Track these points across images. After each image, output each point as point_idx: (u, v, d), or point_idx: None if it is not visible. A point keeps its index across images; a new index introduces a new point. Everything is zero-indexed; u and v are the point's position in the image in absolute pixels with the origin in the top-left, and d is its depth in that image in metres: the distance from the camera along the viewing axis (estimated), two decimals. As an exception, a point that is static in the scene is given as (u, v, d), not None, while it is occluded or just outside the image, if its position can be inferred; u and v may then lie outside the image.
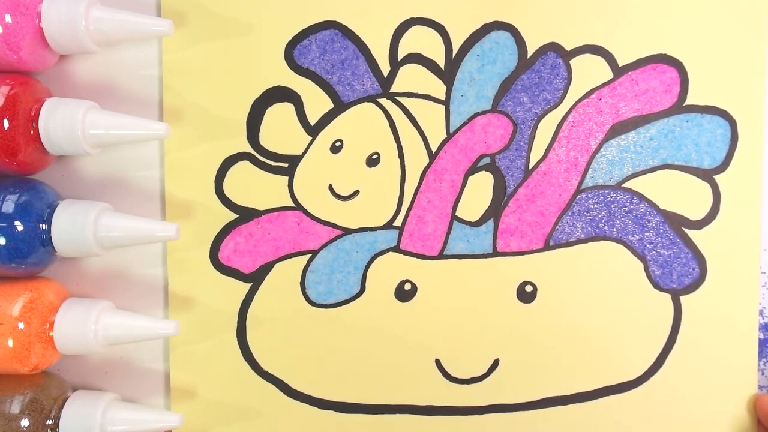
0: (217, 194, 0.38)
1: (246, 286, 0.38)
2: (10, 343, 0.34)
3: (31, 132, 0.34)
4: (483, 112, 0.37)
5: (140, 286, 0.39)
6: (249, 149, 0.38)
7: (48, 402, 0.35)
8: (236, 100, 0.38)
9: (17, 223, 0.34)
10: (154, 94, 0.38)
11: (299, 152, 0.38)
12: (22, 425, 0.34)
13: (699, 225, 0.37)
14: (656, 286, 0.37)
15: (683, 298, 0.37)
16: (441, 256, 0.38)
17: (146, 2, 0.38)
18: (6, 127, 0.34)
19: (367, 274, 0.38)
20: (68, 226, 0.35)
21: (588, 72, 0.37)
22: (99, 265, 0.39)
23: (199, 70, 0.38)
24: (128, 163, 0.38)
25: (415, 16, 0.37)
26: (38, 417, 0.35)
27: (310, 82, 0.37)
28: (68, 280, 0.38)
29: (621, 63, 0.37)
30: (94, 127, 0.34)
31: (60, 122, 0.34)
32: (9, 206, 0.34)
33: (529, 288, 0.37)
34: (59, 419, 0.35)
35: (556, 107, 0.37)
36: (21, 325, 0.34)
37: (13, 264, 0.35)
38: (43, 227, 0.35)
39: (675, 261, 0.37)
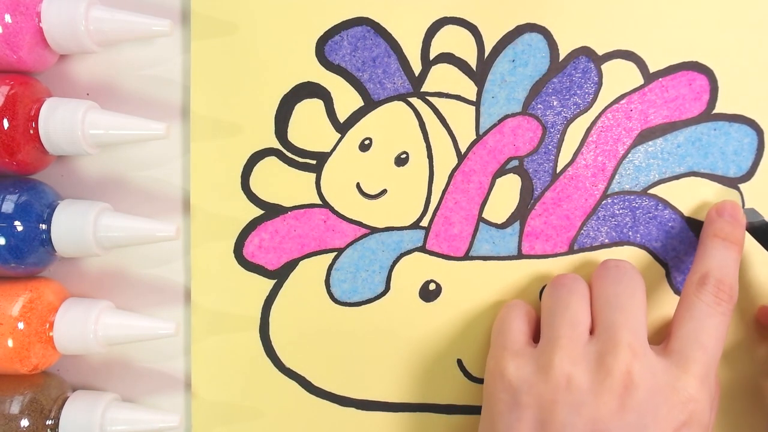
0: (243, 190, 0.38)
1: (270, 283, 0.38)
2: (10, 343, 0.34)
3: (31, 132, 0.34)
4: (513, 115, 0.37)
5: (156, 283, 0.39)
6: (277, 145, 0.37)
7: (48, 402, 0.35)
8: (265, 95, 0.37)
9: (17, 223, 0.34)
10: (154, 94, 0.38)
11: (328, 149, 0.38)
12: (22, 425, 0.34)
13: (722, 233, 0.37)
14: (677, 292, 0.38)
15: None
16: (466, 257, 0.38)
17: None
18: (6, 127, 0.34)
19: (392, 274, 0.38)
20: (68, 226, 0.35)
21: (619, 77, 0.37)
22: (99, 265, 0.39)
23: (229, 62, 0.37)
24: (128, 163, 0.38)
25: (448, 16, 0.37)
26: (38, 417, 0.35)
27: (341, 78, 0.37)
28: (68, 280, 0.38)
29: (652, 69, 0.37)
30: (94, 127, 0.34)
31: (60, 122, 0.34)
32: (9, 206, 0.34)
33: (552, 291, 0.38)
34: (59, 419, 0.35)
35: (586, 112, 0.37)
36: (21, 325, 0.34)
37: (12, 264, 0.35)
38: (43, 227, 0.35)
39: (697, 268, 0.37)
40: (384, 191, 0.38)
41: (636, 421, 0.30)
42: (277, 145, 0.37)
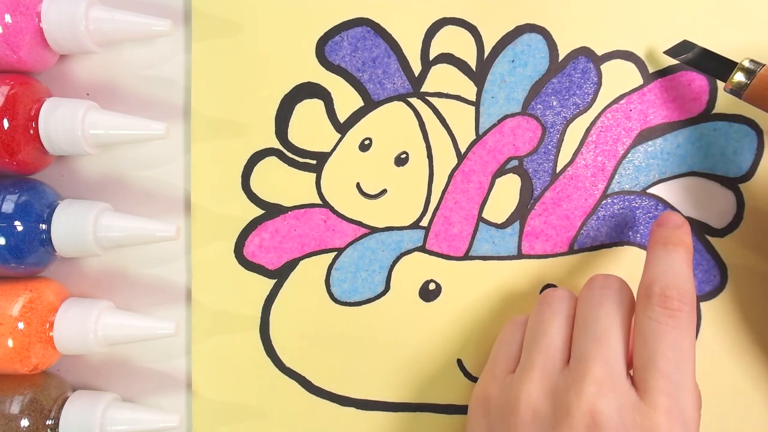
0: (243, 189, 0.38)
1: (270, 283, 0.38)
2: (10, 343, 0.34)
3: (31, 132, 0.34)
4: (512, 115, 0.37)
5: (156, 283, 0.39)
6: (277, 145, 0.38)
7: (48, 402, 0.35)
8: (266, 95, 0.37)
9: (17, 223, 0.34)
10: (155, 94, 0.38)
11: (328, 149, 0.38)
12: (22, 425, 0.34)
13: (722, 233, 0.37)
14: (677, 291, 0.37)
15: (703, 305, 0.37)
16: (466, 257, 0.38)
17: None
18: (6, 127, 0.34)
19: (392, 274, 0.38)
20: (68, 226, 0.35)
21: (618, 77, 0.37)
22: (99, 265, 0.39)
23: (229, 63, 0.37)
24: (128, 163, 0.38)
25: (448, 16, 0.37)
26: (38, 417, 0.35)
27: (341, 79, 0.37)
28: (68, 280, 0.38)
29: (651, 69, 0.37)
30: (94, 127, 0.35)
31: (60, 122, 0.34)
32: (9, 206, 0.34)
33: (552, 291, 0.38)
34: (59, 419, 0.35)
35: (586, 112, 0.37)
36: (21, 325, 0.34)
37: (12, 264, 0.35)
38: (43, 227, 0.35)
39: (697, 268, 0.37)
40: (384, 191, 0.38)
41: None
42: (277, 145, 0.38)
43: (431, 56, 0.37)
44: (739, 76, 0.33)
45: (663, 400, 0.29)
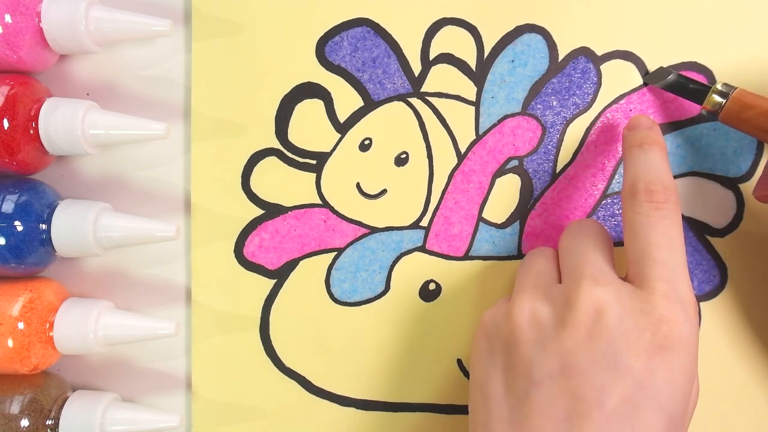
0: (243, 189, 0.38)
1: (270, 283, 0.38)
2: (10, 343, 0.34)
3: (31, 132, 0.34)
4: (512, 115, 0.37)
5: (156, 283, 0.39)
6: (277, 145, 0.38)
7: (48, 402, 0.35)
8: (266, 95, 0.37)
9: (17, 223, 0.34)
10: (155, 94, 0.38)
11: (328, 149, 0.38)
12: (22, 425, 0.34)
13: (722, 233, 0.37)
14: (677, 291, 0.37)
15: (703, 305, 0.37)
16: (466, 257, 0.38)
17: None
18: (6, 127, 0.34)
19: (392, 274, 0.38)
20: (68, 226, 0.35)
21: (618, 77, 0.37)
22: (99, 265, 0.39)
23: (229, 63, 0.37)
24: (128, 163, 0.38)
25: (448, 17, 0.37)
26: (38, 417, 0.35)
27: (341, 79, 0.37)
28: (68, 280, 0.38)
29: (651, 69, 0.37)
30: (94, 127, 0.35)
31: (60, 122, 0.34)
32: (9, 206, 0.34)
33: (552, 291, 0.38)
34: (59, 419, 0.35)
35: (585, 112, 0.37)
36: (21, 325, 0.34)
37: (12, 264, 0.35)
38: (43, 227, 0.35)
39: (697, 268, 0.37)
40: (384, 191, 0.38)
41: (606, 349, 0.28)
42: (277, 145, 0.38)
43: (431, 56, 0.37)
44: (713, 100, 0.34)
45: (660, 285, 0.29)
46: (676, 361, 0.28)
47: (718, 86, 0.34)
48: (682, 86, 0.36)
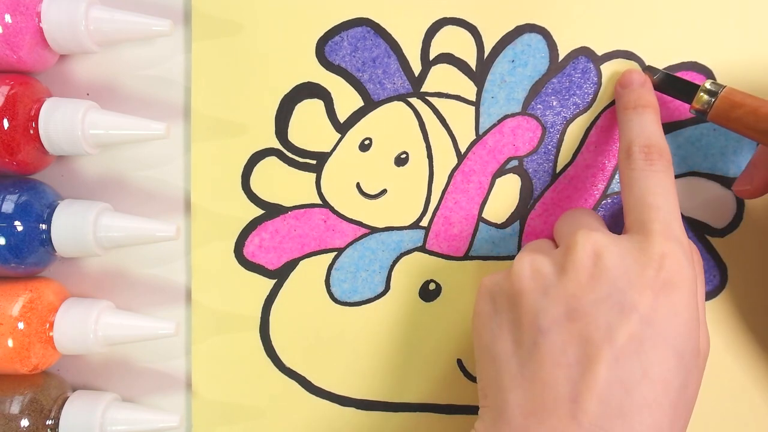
0: (243, 189, 0.38)
1: (270, 283, 0.38)
2: (10, 343, 0.34)
3: (31, 132, 0.34)
4: (512, 115, 0.37)
5: (156, 283, 0.39)
6: (277, 145, 0.38)
7: (48, 402, 0.35)
8: (266, 95, 0.37)
9: (17, 223, 0.34)
10: (155, 94, 0.38)
11: (328, 149, 0.38)
12: (22, 425, 0.35)
13: (722, 233, 0.37)
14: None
15: (703, 305, 0.37)
16: (466, 257, 0.38)
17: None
18: (6, 127, 0.34)
19: (392, 274, 0.38)
20: (68, 226, 0.35)
21: (618, 77, 0.37)
22: (99, 265, 0.39)
23: (229, 63, 0.37)
24: (128, 163, 0.38)
25: (448, 16, 0.37)
26: (38, 417, 0.35)
27: (341, 79, 0.37)
28: (68, 280, 0.38)
29: (651, 69, 0.37)
30: (94, 127, 0.35)
31: (60, 122, 0.34)
32: (9, 206, 0.34)
33: (552, 291, 0.38)
34: (59, 419, 0.35)
35: (586, 112, 0.37)
36: (21, 325, 0.34)
37: (12, 264, 0.35)
38: (43, 227, 0.35)
39: (697, 267, 0.37)
40: (384, 191, 0.38)
41: (610, 288, 0.29)
42: (277, 145, 0.38)
43: (431, 56, 0.37)
44: (701, 99, 0.34)
45: (656, 226, 0.30)
46: (678, 296, 0.29)
47: (707, 85, 0.34)
48: (670, 85, 0.35)
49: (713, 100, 0.33)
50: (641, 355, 0.28)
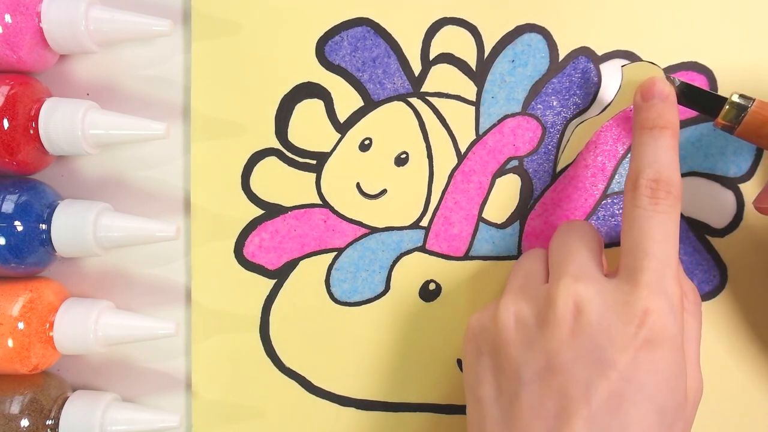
0: (243, 189, 0.38)
1: (270, 283, 0.38)
2: (10, 343, 0.34)
3: (31, 132, 0.34)
4: (512, 115, 0.37)
5: (156, 283, 0.39)
6: (277, 145, 0.38)
7: (48, 402, 0.35)
8: (265, 95, 0.37)
9: (17, 223, 0.34)
10: (154, 94, 0.38)
11: (328, 149, 0.38)
12: (22, 425, 0.35)
13: (722, 233, 0.37)
14: (677, 291, 0.37)
15: (703, 305, 0.37)
16: (466, 257, 0.38)
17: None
18: (6, 127, 0.34)
19: (392, 274, 0.38)
20: (68, 226, 0.35)
21: (618, 77, 0.37)
22: (99, 265, 0.39)
23: (229, 63, 0.37)
24: (128, 163, 0.38)
25: (448, 16, 0.37)
26: (38, 417, 0.35)
27: (341, 79, 0.37)
28: (68, 280, 0.38)
29: (651, 69, 0.37)
30: (94, 127, 0.35)
31: (60, 122, 0.34)
32: (9, 206, 0.34)
33: (552, 291, 0.38)
34: (59, 419, 0.35)
35: (585, 111, 0.37)
36: (21, 325, 0.34)
37: (12, 264, 0.35)
38: (43, 227, 0.35)
39: (697, 268, 0.37)
40: (384, 191, 0.38)
41: (589, 345, 0.28)
42: (277, 145, 0.38)
43: (431, 56, 0.37)
44: (729, 114, 0.32)
45: (646, 277, 0.29)
46: (660, 353, 0.28)
47: (735, 98, 0.32)
48: (691, 97, 0.33)
49: (742, 115, 0.32)
50: (620, 412, 0.27)
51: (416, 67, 0.37)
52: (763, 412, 0.38)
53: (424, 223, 0.38)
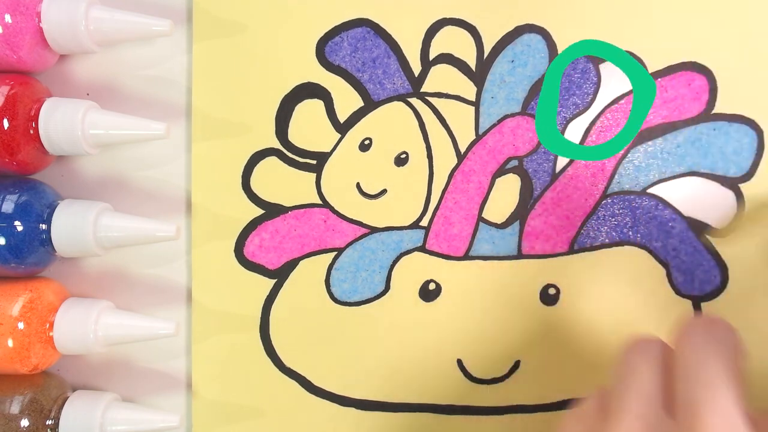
0: (243, 189, 0.38)
1: (270, 282, 0.38)
2: (10, 343, 0.34)
3: (31, 132, 0.34)
4: (512, 115, 0.37)
5: (156, 283, 0.39)
6: (277, 145, 0.38)
7: (48, 402, 0.35)
8: (266, 95, 0.37)
9: (17, 223, 0.34)
10: (155, 94, 0.38)
11: (328, 149, 0.38)
12: (22, 425, 0.34)
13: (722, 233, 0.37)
14: (678, 292, 0.37)
15: (704, 305, 0.37)
16: (466, 257, 0.38)
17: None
18: (6, 127, 0.34)
19: (392, 274, 0.38)
20: (68, 226, 0.35)
21: (618, 77, 0.37)
22: (99, 265, 0.39)
23: (230, 63, 0.37)
24: (128, 163, 0.38)
25: (448, 17, 0.37)
26: (38, 417, 0.35)
27: (341, 79, 0.37)
28: (68, 280, 0.38)
29: (651, 69, 0.37)
30: (94, 127, 0.35)
31: (60, 122, 0.34)
32: (9, 206, 0.34)
33: (552, 291, 0.38)
34: (59, 419, 0.35)
35: (585, 112, 0.37)
36: (21, 325, 0.34)
37: (12, 264, 0.35)
38: (43, 227, 0.35)
39: (697, 268, 0.37)
40: (384, 191, 0.38)
41: None
42: (277, 145, 0.38)
43: (431, 56, 0.37)
44: None
45: None
46: None
47: None
48: None
49: None
50: None
51: (416, 68, 0.37)
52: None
53: (424, 223, 0.38)
